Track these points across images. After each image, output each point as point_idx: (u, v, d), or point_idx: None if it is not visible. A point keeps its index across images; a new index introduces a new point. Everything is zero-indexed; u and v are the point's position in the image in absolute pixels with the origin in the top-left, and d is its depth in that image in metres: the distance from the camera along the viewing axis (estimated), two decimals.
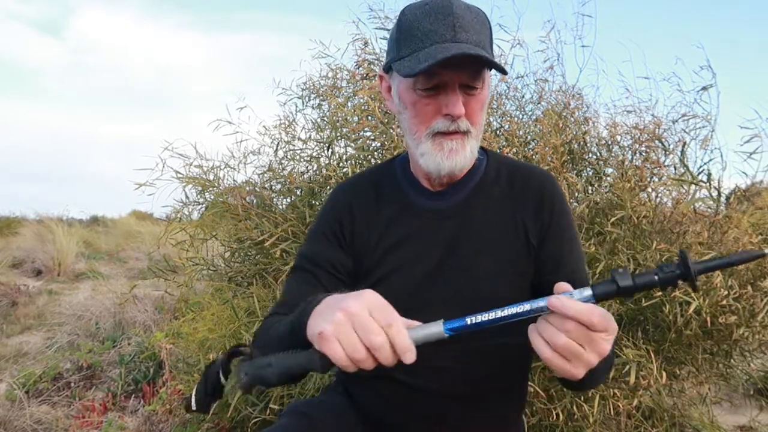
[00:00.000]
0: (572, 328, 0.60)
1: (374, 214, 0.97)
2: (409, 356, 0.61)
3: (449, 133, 0.86)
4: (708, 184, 1.87)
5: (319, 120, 2.36)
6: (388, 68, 0.91)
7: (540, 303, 0.64)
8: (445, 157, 0.86)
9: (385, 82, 0.94)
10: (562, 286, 0.66)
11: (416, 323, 0.66)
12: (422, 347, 0.64)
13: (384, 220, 0.96)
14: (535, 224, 0.92)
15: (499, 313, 0.64)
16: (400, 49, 0.85)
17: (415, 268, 0.92)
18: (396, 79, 0.90)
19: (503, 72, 0.85)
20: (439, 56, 0.77)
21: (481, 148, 1.01)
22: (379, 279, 0.94)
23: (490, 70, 0.87)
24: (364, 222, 0.97)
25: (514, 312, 0.64)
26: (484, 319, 0.64)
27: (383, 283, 0.93)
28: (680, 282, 0.62)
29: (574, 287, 0.91)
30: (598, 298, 0.64)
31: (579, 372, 0.63)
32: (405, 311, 0.91)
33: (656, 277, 0.63)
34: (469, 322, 0.65)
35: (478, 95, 0.86)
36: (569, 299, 0.62)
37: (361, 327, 0.60)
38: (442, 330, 0.64)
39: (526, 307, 0.64)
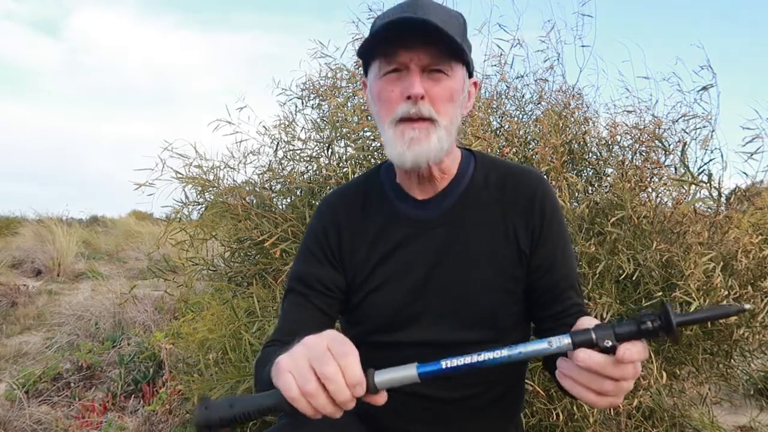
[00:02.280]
0: (630, 373, 0.61)
1: (361, 227, 0.95)
2: (359, 389, 0.60)
3: (412, 120, 0.83)
4: (708, 184, 1.87)
5: (318, 120, 2.36)
6: (366, 71, 0.92)
7: (517, 349, 0.63)
8: (407, 147, 0.83)
9: (366, 88, 0.94)
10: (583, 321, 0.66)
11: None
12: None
13: (372, 233, 0.94)
14: (527, 230, 0.90)
15: (476, 358, 0.63)
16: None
17: (404, 280, 0.91)
18: (369, 75, 0.89)
19: (462, 56, 0.83)
20: (386, 19, 0.79)
21: (470, 150, 0.99)
22: (370, 292, 0.93)
23: (452, 55, 0.83)
24: (351, 236, 0.95)
25: (492, 357, 0.63)
26: (460, 363, 0.64)
27: (373, 297, 0.93)
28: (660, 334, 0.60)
29: (566, 292, 0.91)
30: (575, 346, 0.62)
31: (620, 400, 0.64)
32: (395, 324, 0.92)
33: (636, 328, 0.60)
34: (444, 366, 0.64)
35: (445, 82, 0.83)
36: (635, 347, 0.60)
37: (315, 358, 0.60)
38: (415, 374, 0.64)
39: (504, 352, 0.63)
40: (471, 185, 0.94)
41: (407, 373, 0.64)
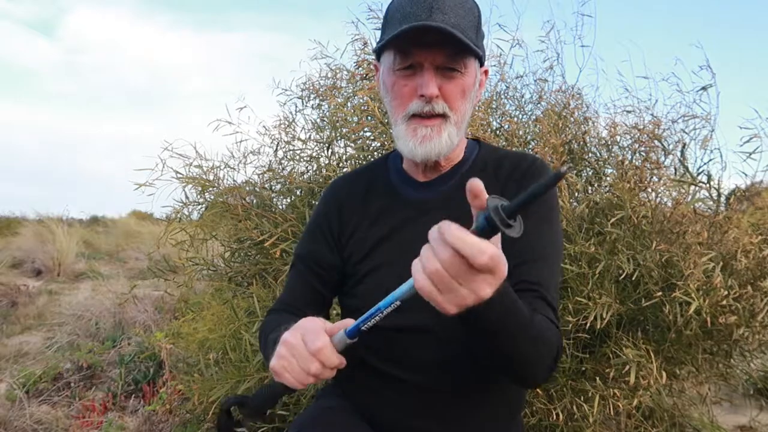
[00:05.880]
0: (448, 258, 0.56)
1: (363, 209, 0.98)
2: (341, 364, 0.73)
3: (425, 117, 0.86)
4: (708, 184, 1.87)
5: (318, 120, 2.36)
6: (378, 57, 0.94)
7: (402, 289, 0.67)
8: (418, 144, 0.86)
9: (378, 72, 0.97)
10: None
11: (349, 322, 0.73)
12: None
13: (373, 214, 0.97)
14: None
15: (377, 304, 0.69)
16: (382, 34, 0.89)
17: (402, 261, 0.90)
18: (382, 64, 0.92)
19: (476, 55, 0.85)
20: (404, 26, 0.81)
21: (476, 140, 1.02)
22: (367, 273, 0.94)
23: (466, 52, 0.84)
24: (353, 218, 0.98)
25: (388, 301, 0.69)
26: (366, 315, 0.70)
27: (371, 278, 0.94)
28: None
29: (522, 266, 0.84)
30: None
31: (449, 308, 0.59)
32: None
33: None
34: (360, 323, 0.71)
35: (458, 79, 0.86)
36: (466, 232, 0.56)
37: (299, 357, 0.72)
38: (344, 336, 0.72)
39: (396, 293, 0.68)
40: (471, 169, 0.96)
41: (341, 336, 0.73)
